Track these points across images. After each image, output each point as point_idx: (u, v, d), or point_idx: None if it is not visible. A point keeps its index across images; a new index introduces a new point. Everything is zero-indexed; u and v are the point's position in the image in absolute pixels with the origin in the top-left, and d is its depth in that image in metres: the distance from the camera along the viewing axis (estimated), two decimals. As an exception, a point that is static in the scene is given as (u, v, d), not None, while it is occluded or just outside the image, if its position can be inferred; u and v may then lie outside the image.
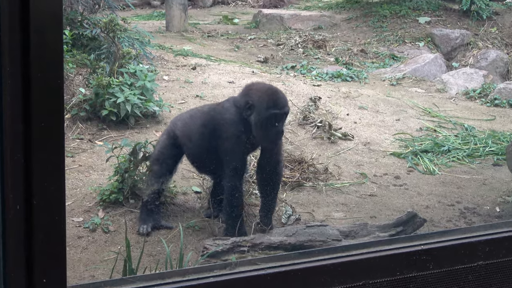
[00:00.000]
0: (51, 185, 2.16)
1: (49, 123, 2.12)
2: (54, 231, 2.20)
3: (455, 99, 9.10)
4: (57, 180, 2.18)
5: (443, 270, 2.92)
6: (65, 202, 2.22)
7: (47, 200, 2.16)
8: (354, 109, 8.09)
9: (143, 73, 7.05)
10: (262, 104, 4.67)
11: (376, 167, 6.60)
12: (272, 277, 2.66)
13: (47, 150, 2.13)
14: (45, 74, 2.06)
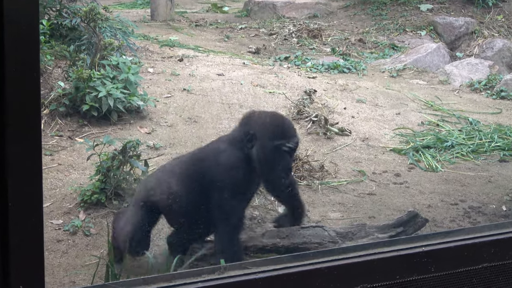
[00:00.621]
0: (27, 185, 2.16)
1: (25, 119, 2.12)
2: (31, 235, 2.20)
3: (459, 91, 9.12)
4: (34, 181, 2.18)
5: (446, 273, 2.93)
6: (42, 204, 2.22)
7: (23, 202, 2.16)
8: (351, 102, 8.10)
9: (126, 66, 7.04)
10: (266, 133, 4.17)
11: (375, 164, 6.61)
12: (263, 281, 2.67)
13: (22, 149, 2.13)
14: (20, 67, 2.06)
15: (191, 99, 7.69)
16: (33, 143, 2.16)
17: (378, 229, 4.49)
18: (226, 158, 4.15)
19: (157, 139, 6.72)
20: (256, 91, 8.06)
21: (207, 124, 7.15)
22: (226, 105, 7.61)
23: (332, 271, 2.77)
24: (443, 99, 8.57)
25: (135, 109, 7.04)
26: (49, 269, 4.38)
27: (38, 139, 2.17)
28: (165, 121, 7.11)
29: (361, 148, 6.95)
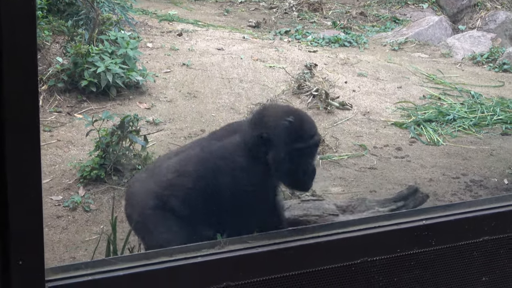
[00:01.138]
0: (26, 160, 2.17)
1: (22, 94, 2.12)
2: (30, 210, 2.21)
3: (461, 64, 9.10)
4: (32, 156, 2.19)
5: (447, 246, 2.94)
6: (41, 179, 2.23)
7: (22, 178, 2.17)
8: (352, 76, 8.09)
9: (124, 40, 7.03)
10: (282, 136, 3.55)
11: (376, 138, 6.62)
12: (263, 256, 2.68)
13: (20, 125, 2.13)
14: (17, 43, 2.06)
15: (191, 74, 7.68)
16: (31, 118, 2.16)
17: (379, 203, 4.50)
18: (238, 160, 3.56)
19: (157, 114, 6.72)
20: (256, 65, 8.05)
21: (206, 99, 7.15)
22: (226, 79, 7.61)
23: (332, 245, 2.79)
24: (445, 73, 8.56)
25: (134, 84, 7.04)
26: (49, 245, 4.41)
27: (36, 115, 2.18)
28: (164, 96, 7.11)
29: (362, 122, 6.95)
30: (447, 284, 2.97)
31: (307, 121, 3.66)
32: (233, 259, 2.67)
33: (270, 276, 2.67)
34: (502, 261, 3.07)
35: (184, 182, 3.64)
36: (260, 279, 2.66)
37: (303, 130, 3.57)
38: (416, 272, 2.91)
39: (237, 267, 2.65)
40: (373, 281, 2.84)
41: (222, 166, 3.56)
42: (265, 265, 2.68)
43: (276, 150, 3.51)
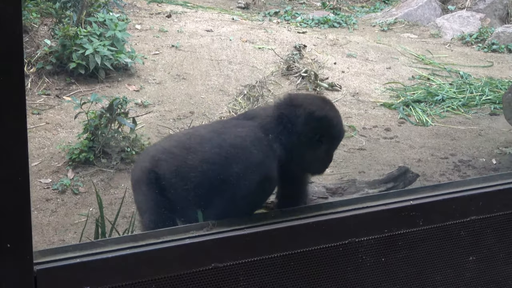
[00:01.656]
0: (13, 144, 2.16)
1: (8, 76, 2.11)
2: (18, 193, 2.21)
3: (450, 44, 9.10)
4: (19, 139, 2.18)
5: (434, 226, 2.95)
6: (28, 163, 2.22)
7: (9, 161, 2.17)
8: (342, 57, 8.08)
9: (113, 22, 7.00)
10: (314, 131, 3.40)
11: (365, 119, 6.63)
12: (252, 237, 2.69)
13: (6, 106, 2.12)
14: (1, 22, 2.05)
15: (180, 55, 7.66)
16: (17, 100, 2.16)
17: (368, 184, 4.50)
18: (255, 151, 3.35)
19: (146, 96, 6.71)
20: (245, 47, 8.03)
21: (196, 80, 7.14)
22: (215, 61, 7.59)
23: (321, 226, 2.79)
24: (434, 53, 8.56)
25: (123, 66, 7.02)
26: (38, 228, 4.41)
27: (22, 96, 2.17)
28: (153, 78, 7.09)
29: (351, 103, 6.96)
30: (434, 264, 2.98)
31: (337, 115, 3.54)
32: (221, 241, 2.67)
33: (258, 257, 2.67)
34: (489, 240, 3.08)
35: (194, 164, 3.46)
36: (248, 260, 2.66)
37: (332, 124, 3.46)
38: (404, 252, 2.92)
39: (225, 249, 2.66)
40: (361, 261, 2.85)
41: (239, 155, 3.37)
42: (253, 246, 2.69)
43: (301, 140, 3.36)
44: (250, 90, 6.85)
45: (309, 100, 3.54)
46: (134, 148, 5.33)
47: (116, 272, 2.49)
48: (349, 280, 2.83)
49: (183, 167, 3.45)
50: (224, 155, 3.35)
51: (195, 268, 2.57)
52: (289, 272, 2.73)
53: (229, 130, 3.51)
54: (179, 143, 3.57)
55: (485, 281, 3.10)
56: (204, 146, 3.44)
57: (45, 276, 2.35)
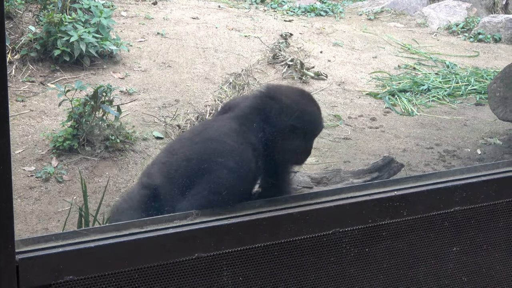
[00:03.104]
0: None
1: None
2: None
3: (436, 34, 9.12)
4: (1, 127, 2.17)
5: (418, 216, 2.95)
6: (10, 151, 2.21)
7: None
8: (328, 46, 8.08)
9: (98, 9, 6.96)
10: (293, 122, 3.41)
11: (351, 108, 6.63)
12: (235, 227, 2.68)
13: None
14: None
15: (165, 43, 7.63)
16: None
17: (354, 174, 4.51)
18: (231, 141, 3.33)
19: (131, 84, 6.68)
20: (231, 35, 8.01)
21: (181, 68, 7.11)
22: (201, 49, 7.57)
23: (304, 216, 2.79)
24: (420, 42, 8.57)
25: (108, 54, 6.99)
26: (21, 216, 4.39)
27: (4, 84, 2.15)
28: (138, 66, 7.06)
29: (337, 92, 6.96)
30: (418, 255, 2.99)
31: (315, 108, 3.52)
32: (204, 230, 2.66)
33: (242, 247, 2.67)
34: (473, 231, 3.08)
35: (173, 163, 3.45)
36: (231, 250, 2.66)
37: (310, 117, 3.46)
38: (388, 243, 2.92)
39: (208, 238, 2.65)
40: (344, 251, 2.85)
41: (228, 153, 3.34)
42: (237, 236, 2.68)
43: (279, 132, 3.37)
44: (235, 79, 6.83)
45: (288, 92, 3.54)
46: (118, 136, 5.31)
47: (98, 262, 2.48)
48: (332, 271, 2.84)
49: (171, 171, 3.42)
50: (202, 150, 3.34)
51: (178, 257, 2.56)
52: (272, 262, 2.73)
53: (207, 126, 3.52)
54: (166, 151, 3.58)
55: (468, 271, 3.11)
56: (184, 145, 3.45)
57: (27, 265, 2.34)
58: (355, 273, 2.86)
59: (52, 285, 2.38)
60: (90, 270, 2.44)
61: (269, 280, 2.72)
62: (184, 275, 2.57)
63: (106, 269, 2.46)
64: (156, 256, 2.56)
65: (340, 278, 2.85)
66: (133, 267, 2.49)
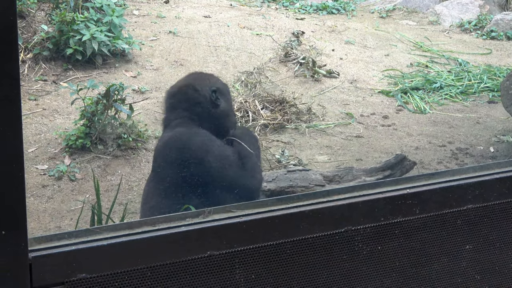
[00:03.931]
0: (7, 130, 2.15)
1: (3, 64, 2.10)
2: (12, 180, 2.20)
3: (448, 31, 9.08)
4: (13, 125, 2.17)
5: (430, 214, 2.94)
6: (23, 148, 2.21)
7: (2, 148, 2.16)
8: (340, 44, 8.07)
9: (110, 8, 6.97)
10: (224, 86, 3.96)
11: (363, 106, 6.61)
12: (247, 225, 2.68)
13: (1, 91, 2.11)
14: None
15: (177, 41, 7.63)
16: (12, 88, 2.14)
17: (366, 172, 4.51)
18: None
19: (143, 82, 6.69)
20: (243, 33, 8.01)
21: (193, 67, 7.12)
22: (213, 47, 7.57)
23: (316, 214, 2.78)
24: (432, 40, 8.54)
25: (120, 52, 7.00)
26: (34, 215, 4.41)
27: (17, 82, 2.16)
28: (150, 65, 7.07)
29: (349, 90, 6.94)
30: (431, 252, 2.98)
31: (210, 75, 4.03)
32: (216, 228, 2.66)
33: (254, 245, 2.67)
34: (486, 229, 3.07)
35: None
36: (243, 248, 2.66)
37: (216, 83, 3.88)
38: (400, 241, 2.91)
39: (220, 236, 2.65)
40: (357, 249, 2.84)
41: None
42: (249, 234, 2.68)
43: (224, 98, 3.83)
44: (247, 77, 6.83)
45: (185, 81, 3.91)
46: (131, 135, 5.32)
47: (111, 259, 2.48)
48: (345, 269, 2.83)
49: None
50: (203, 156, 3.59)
51: (190, 256, 2.57)
52: (285, 260, 2.72)
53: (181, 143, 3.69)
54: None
55: (482, 269, 3.10)
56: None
57: (40, 263, 2.35)
58: (367, 271, 2.86)
59: (65, 283, 2.38)
60: (103, 268, 2.45)
61: (282, 278, 2.72)
62: (197, 273, 2.57)
63: (119, 267, 2.46)
64: (168, 254, 2.56)
65: (353, 276, 2.84)
66: (146, 265, 2.50)
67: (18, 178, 2.19)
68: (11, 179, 2.18)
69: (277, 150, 5.53)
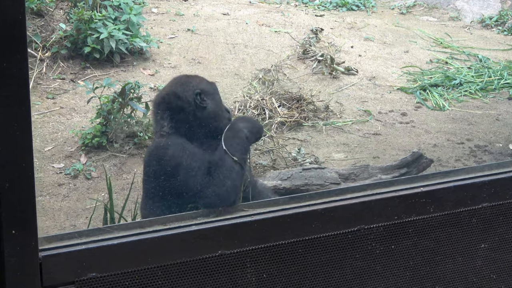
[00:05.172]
0: (16, 130, 2.16)
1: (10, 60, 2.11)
2: (22, 180, 2.21)
3: (469, 27, 9.02)
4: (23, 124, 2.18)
5: (445, 213, 2.92)
6: (32, 147, 2.22)
7: (12, 147, 2.16)
8: (359, 40, 8.03)
9: (128, 6, 6.99)
10: (210, 85, 3.89)
11: (381, 103, 6.58)
12: (259, 224, 2.68)
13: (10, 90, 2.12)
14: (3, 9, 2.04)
15: (195, 39, 7.64)
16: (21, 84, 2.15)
17: (382, 170, 4.49)
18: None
19: (160, 80, 6.70)
20: (261, 30, 8.00)
21: (211, 64, 7.12)
22: (231, 45, 7.57)
23: (329, 213, 2.77)
24: (453, 36, 8.48)
25: (138, 50, 7.01)
26: (50, 213, 4.43)
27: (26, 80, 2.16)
28: (168, 63, 7.08)
29: (368, 87, 6.92)
30: (445, 252, 2.96)
31: (196, 78, 3.94)
32: (228, 227, 2.66)
33: (265, 244, 2.66)
34: (502, 228, 3.05)
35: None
36: (255, 247, 2.65)
37: (201, 84, 3.80)
38: (414, 239, 2.90)
39: (232, 236, 2.65)
40: (370, 248, 2.83)
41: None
42: (261, 233, 2.68)
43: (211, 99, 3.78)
44: (265, 74, 6.82)
45: (168, 89, 3.83)
46: (147, 133, 5.33)
47: (121, 259, 2.48)
48: (358, 268, 2.82)
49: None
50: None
51: (201, 255, 2.57)
52: (297, 259, 2.72)
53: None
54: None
55: (497, 269, 3.08)
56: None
57: (50, 263, 2.36)
58: (381, 270, 2.85)
59: (75, 282, 2.39)
60: (113, 267, 2.45)
61: (294, 277, 2.71)
62: (208, 272, 2.57)
63: (129, 266, 2.47)
64: (179, 253, 2.56)
65: (366, 275, 2.83)
66: (156, 264, 2.50)
67: (28, 177, 2.20)
68: (21, 178, 2.18)
69: (293, 148, 5.51)
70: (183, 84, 3.78)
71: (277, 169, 4.88)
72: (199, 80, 3.85)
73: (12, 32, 2.10)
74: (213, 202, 3.33)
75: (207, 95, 3.75)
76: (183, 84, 3.77)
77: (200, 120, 3.70)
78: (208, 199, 3.37)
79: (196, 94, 3.70)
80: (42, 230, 4.24)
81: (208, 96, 3.75)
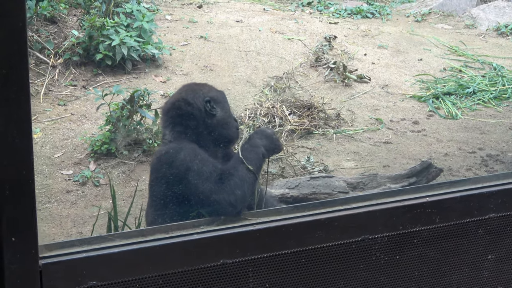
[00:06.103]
0: (17, 138, 2.16)
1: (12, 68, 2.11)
2: (23, 188, 2.21)
3: (485, 35, 8.98)
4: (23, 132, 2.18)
5: (451, 223, 2.90)
6: (32, 157, 2.22)
7: (13, 155, 2.17)
8: (372, 48, 8.01)
9: (140, 13, 7.01)
10: (219, 94, 3.92)
11: (393, 111, 6.56)
12: (261, 233, 2.66)
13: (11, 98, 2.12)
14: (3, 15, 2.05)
15: (208, 46, 7.65)
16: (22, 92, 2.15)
17: (390, 179, 4.46)
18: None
19: (172, 87, 6.70)
20: (274, 38, 8.00)
21: (223, 72, 7.13)
22: (243, 52, 7.57)
23: (333, 222, 2.75)
24: (467, 44, 8.45)
25: (150, 57, 7.03)
26: (57, 220, 4.43)
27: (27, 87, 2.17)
28: (180, 70, 7.09)
29: (380, 96, 6.89)
30: (451, 262, 2.94)
31: (206, 86, 3.94)
32: (230, 236, 2.65)
33: (268, 253, 2.65)
34: (510, 238, 3.02)
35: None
36: (258, 257, 2.64)
37: (210, 92, 3.84)
38: (419, 250, 2.87)
39: (234, 245, 2.63)
40: (374, 258, 2.81)
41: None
42: (263, 242, 2.66)
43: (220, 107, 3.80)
44: (277, 82, 6.82)
45: (178, 95, 3.85)
46: (156, 140, 5.33)
47: (122, 267, 2.48)
48: (362, 278, 2.80)
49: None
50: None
51: (203, 264, 2.56)
52: (300, 269, 2.70)
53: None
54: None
55: (505, 280, 3.05)
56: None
57: (50, 270, 2.35)
58: (385, 281, 2.82)
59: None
60: (114, 275, 2.45)
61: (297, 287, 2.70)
62: (209, 281, 2.56)
63: (130, 275, 2.46)
64: (180, 262, 2.55)
65: (370, 286, 2.81)
66: (158, 272, 2.49)
67: (28, 184, 2.20)
68: (21, 185, 2.18)
69: (303, 156, 5.50)
70: (194, 91, 3.81)
71: (285, 177, 4.86)
72: (208, 88, 3.88)
73: (13, 39, 2.10)
74: (222, 209, 3.35)
75: (217, 103, 3.78)
76: (193, 91, 3.81)
77: (209, 128, 3.73)
78: (217, 205, 3.39)
79: (206, 101, 3.74)
80: (49, 237, 4.25)
81: (217, 104, 3.78)
